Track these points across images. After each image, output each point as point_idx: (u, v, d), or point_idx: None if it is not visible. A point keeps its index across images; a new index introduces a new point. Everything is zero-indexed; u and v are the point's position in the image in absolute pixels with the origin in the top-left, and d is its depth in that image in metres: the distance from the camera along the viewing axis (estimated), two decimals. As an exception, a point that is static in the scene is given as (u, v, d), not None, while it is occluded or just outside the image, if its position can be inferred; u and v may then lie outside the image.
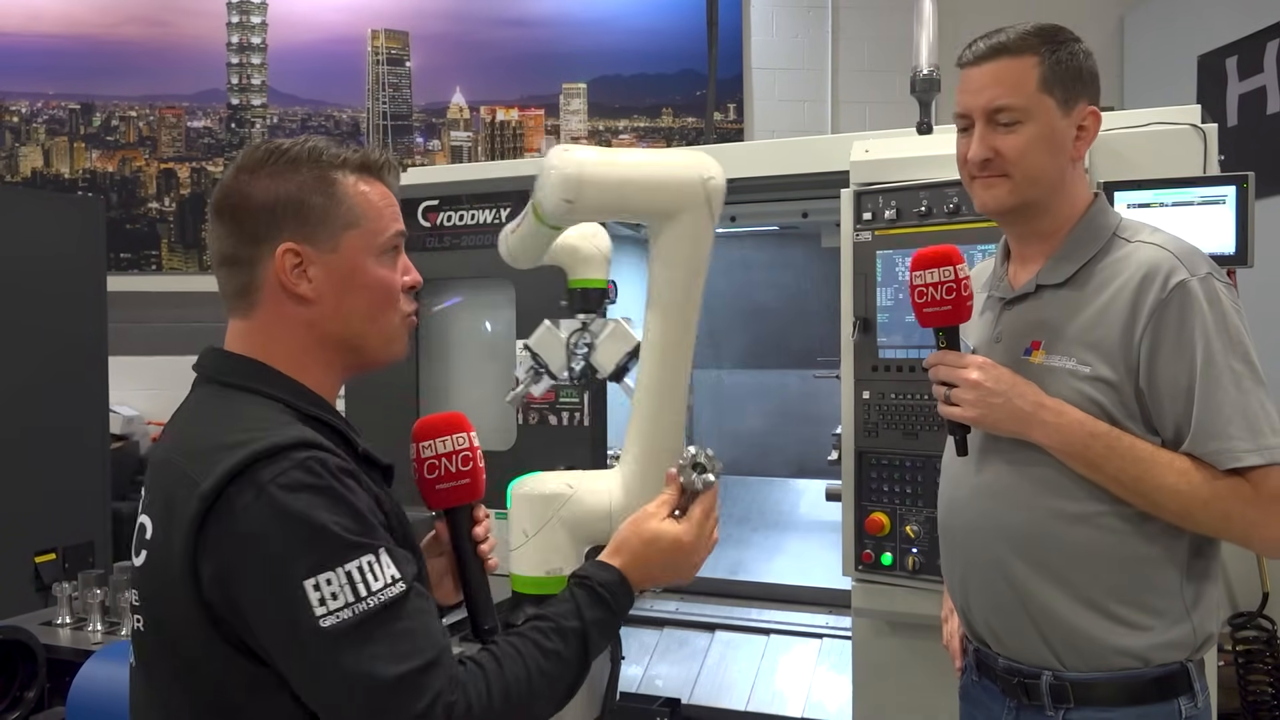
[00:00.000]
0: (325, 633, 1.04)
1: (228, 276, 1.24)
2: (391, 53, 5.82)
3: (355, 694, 1.05)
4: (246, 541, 1.06)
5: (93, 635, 2.53)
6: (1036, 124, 1.55)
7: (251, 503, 1.06)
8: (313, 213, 1.20)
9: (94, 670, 2.13)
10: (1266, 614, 3.32)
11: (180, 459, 1.14)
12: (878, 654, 2.53)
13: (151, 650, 1.17)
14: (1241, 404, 1.45)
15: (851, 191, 2.48)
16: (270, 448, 1.08)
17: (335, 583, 1.05)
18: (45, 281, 3.75)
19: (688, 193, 1.54)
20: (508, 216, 2.73)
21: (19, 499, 3.57)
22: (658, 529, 1.32)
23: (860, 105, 5.79)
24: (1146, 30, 5.54)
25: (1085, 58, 1.58)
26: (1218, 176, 2.24)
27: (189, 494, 1.08)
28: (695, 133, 5.83)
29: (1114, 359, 1.50)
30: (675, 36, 5.81)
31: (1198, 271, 1.49)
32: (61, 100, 5.68)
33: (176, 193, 5.73)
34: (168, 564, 1.10)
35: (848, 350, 2.47)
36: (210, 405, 1.21)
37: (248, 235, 1.21)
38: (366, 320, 1.25)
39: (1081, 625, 1.53)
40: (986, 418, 1.55)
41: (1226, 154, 2.40)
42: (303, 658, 1.06)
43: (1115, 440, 1.48)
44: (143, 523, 1.17)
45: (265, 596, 1.06)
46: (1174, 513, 1.48)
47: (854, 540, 2.45)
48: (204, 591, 1.08)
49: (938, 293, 1.57)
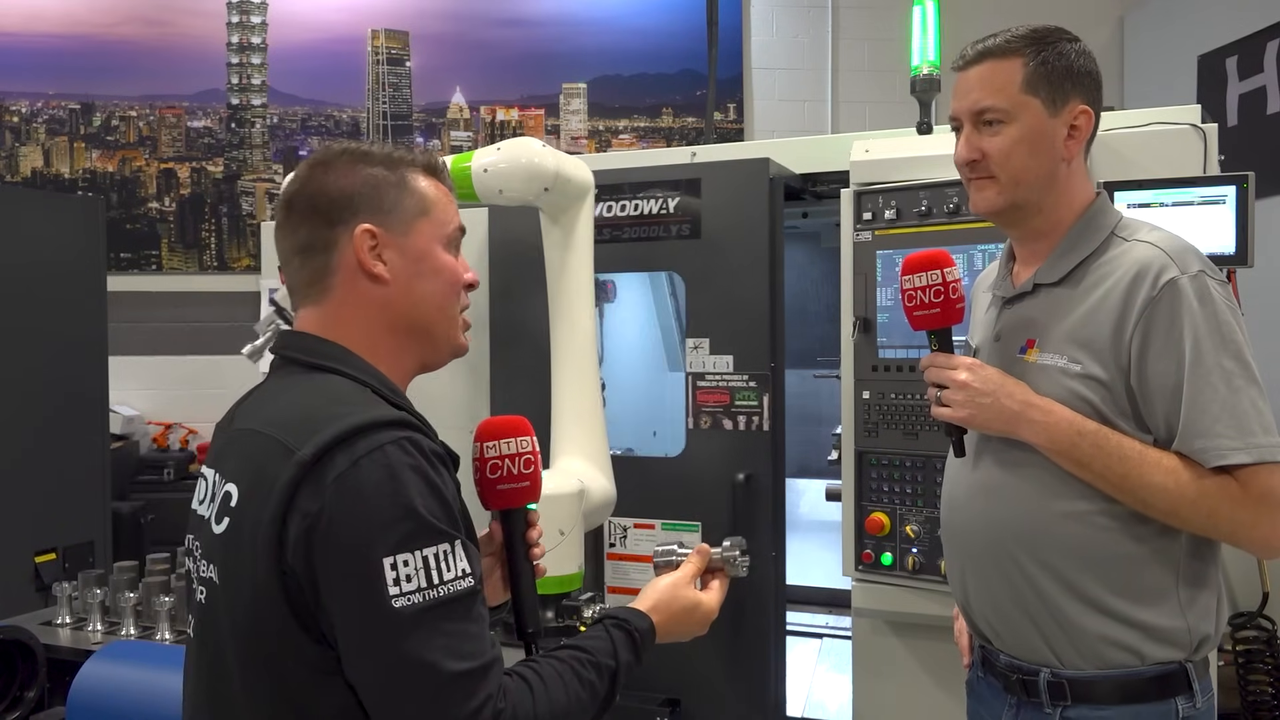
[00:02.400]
0: (395, 613, 1.06)
1: (301, 265, 1.28)
2: (391, 53, 5.82)
3: (414, 681, 1.07)
4: (335, 510, 1.08)
5: (93, 635, 2.53)
6: (1020, 125, 1.56)
7: (347, 472, 1.09)
8: (386, 199, 1.28)
9: (94, 670, 2.13)
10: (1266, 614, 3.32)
11: (273, 430, 1.16)
12: (878, 654, 2.53)
13: (218, 622, 1.18)
14: (1231, 402, 1.45)
15: (851, 191, 2.48)
16: (370, 422, 1.12)
17: (412, 565, 1.07)
18: (45, 281, 3.75)
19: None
20: (676, 207, 2.67)
21: (19, 499, 3.57)
22: (697, 598, 1.43)
23: (860, 105, 5.79)
24: (1146, 30, 5.54)
25: (1079, 57, 1.58)
26: (1218, 176, 2.24)
27: (283, 461, 1.11)
28: (695, 133, 5.83)
29: (1105, 357, 1.50)
30: (675, 36, 5.82)
31: (1189, 269, 1.48)
32: (61, 100, 5.68)
33: (176, 193, 5.73)
34: (255, 529, 1.11)
35: (848, 350, 2.47)
36: (297, 384, 1.23)
37: (324, 220, 1.26)
38: (436, 306, 1.30)
39: (1077, 621, 1.53)
40: (976, 418, 1.57)
41: (1226, 154, 2.40)
42: (367, 635, 1.08)
43: (1103, 439, 1.49)
44: (228, 490, 1.18)
45: (342, 568, 1.08)
46: (1162, 511, 1.48)
47: (854, 540, 2.45)
48: (287, 557, 1.09)
49: (927, 296, 1.59)
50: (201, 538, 1.24)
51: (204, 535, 1.23)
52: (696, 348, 2.66)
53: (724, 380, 2.62)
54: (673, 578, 1.43)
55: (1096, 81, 1.60)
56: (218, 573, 1.18)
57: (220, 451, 1.26)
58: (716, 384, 2.63)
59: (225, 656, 1.17)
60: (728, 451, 2.61)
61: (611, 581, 2.73)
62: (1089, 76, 1.58)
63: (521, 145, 2.31)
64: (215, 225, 5.71)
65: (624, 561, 2.72)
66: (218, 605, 1.18)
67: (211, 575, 1.20)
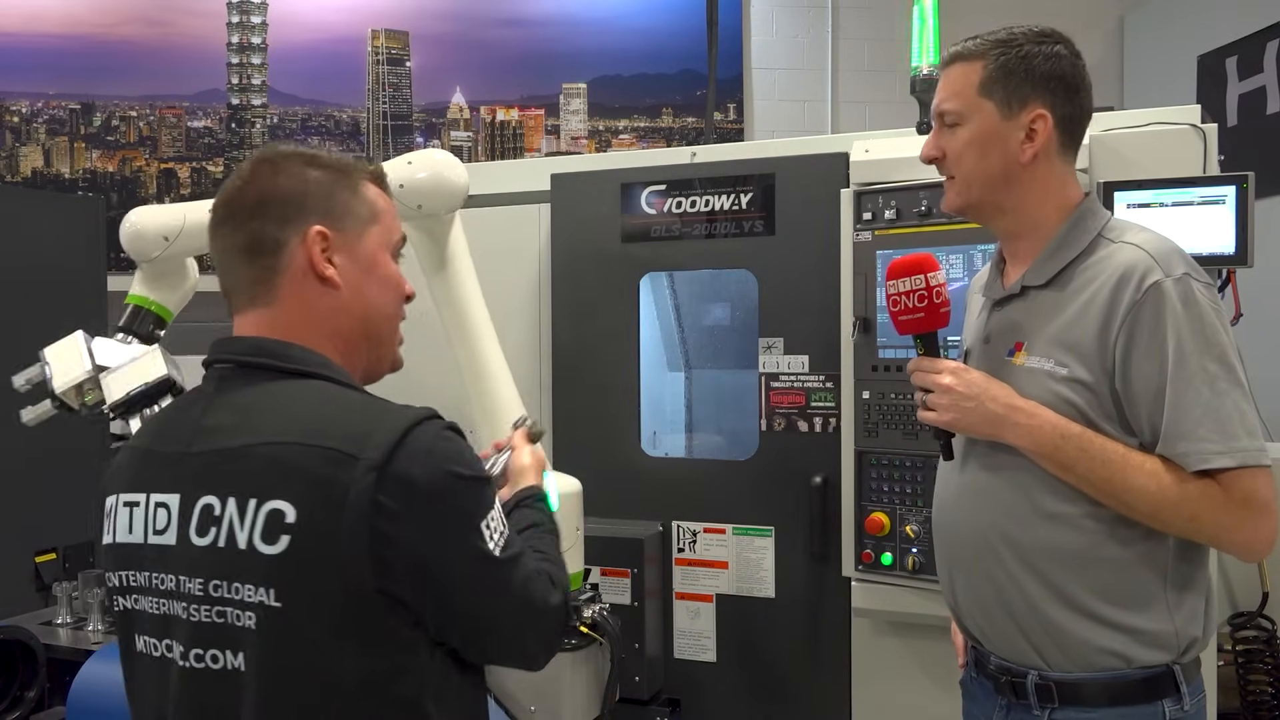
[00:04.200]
0: (500, 561, 1.22)
1: (248, 263, 1.26)
2: (391, 53, 5.82)
3: (528, 602, 1.26)
4: (432, 500, 1.16)
5: (93, 635, 2.53)
6: (971, 127, 1.60)
7: (425, 465, 1.16)
8: (338, 203, 1.28)
9: (94, 670, 2.13)
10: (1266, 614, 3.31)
11: (319, 440, 1.15)
12: (878, 654, 2.53)
13: (281, 641, 1.15)
14: (1214, 405, 1.45)
15: (851, 191, 2.47)
16: (416, 419, 1.18)
17: (497, 519, 1.24)
18: (45, 281, 3.75)
19: None
20: (749, 203, 2.64)
21: (19, 499, 3.57)
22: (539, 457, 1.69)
23: (860, 105, 5.79)
24: (1146, 30, 5.54)
25: (1046, 60, 1.57)
26: (1218, 176, 2.24)
27: (348, 471, 1.13)
28: (695, 133, 5.83)
29: (1090, 361, 1.51)
30: (675, 36, 5.82)
31: (1173, 272, 1.48)
32: (62, 100, 5.68)
33: (177, 193, 5.73)
34: (333, 539, 1.12)
35: (848, 350, 2.47)
36: (285, 392, 1.22)
37: (275, 218, 1.25)
38: (385, 315, 1.32)
39: (1062, 624, 1.54)
40: (960, 421, 1.58)
41: (1226, 154, 2.40)
42: (484, 585, 1.21)
43: (1087, 442, 1.49)
44: (277, 509, 1.14)
45: (454, 543, 1.18)
46: (1144, 514, 1.49)
47: (854, 540, 2.45)
48: (385, 557, 1.13)
49: (910, 300, 1.62)
50: (216, 566, 1.17)
51: (226, 562, 1.16)
52: (770, 348, 2.63)
53: (799, 381, 2.60)
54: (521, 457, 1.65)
55: (1069, 84, 1.59)
56: (278, 594, 1.14)
57: (207, 473, 1.19)
58: (791, 385, 2.61)
59: (296, 675, 1.15)
60: (802, 454, 2.58)
61: (680, 587, 2.71)
62: (1057, 80, 1.58)
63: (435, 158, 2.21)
64: (215, 225, 5.72)
65: (694, 567, 2.70)
66: (279, 627, 1.14)
67: (262, 599, 1.14)
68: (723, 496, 2.68)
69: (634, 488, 2.73)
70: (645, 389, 2.83)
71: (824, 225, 2.53)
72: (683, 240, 2.72)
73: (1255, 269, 2.22)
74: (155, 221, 2.34)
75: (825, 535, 2.52)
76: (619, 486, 2.69)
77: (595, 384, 2.80)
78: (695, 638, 2.70)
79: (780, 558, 2.61)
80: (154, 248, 2.32)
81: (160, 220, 2.34)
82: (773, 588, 2.62)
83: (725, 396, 4.08)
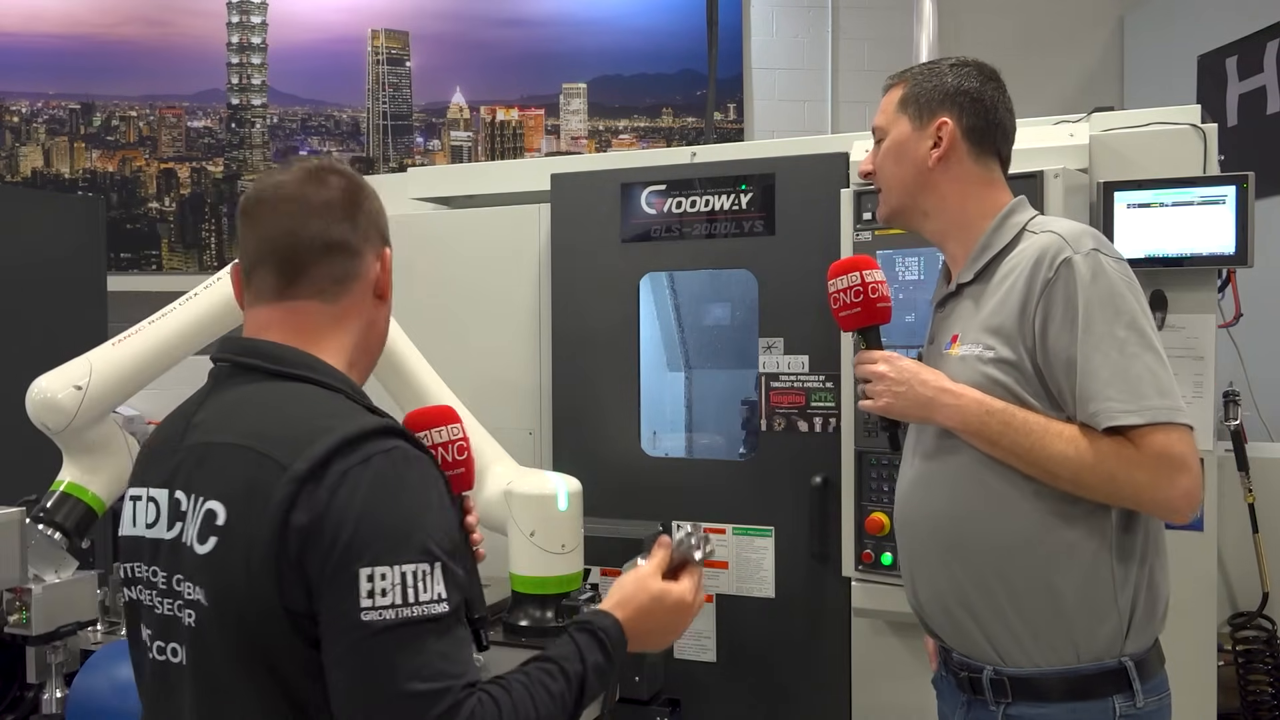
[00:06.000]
0: (364, 625, 1.06)
1: (329, 261, 1.28)
2: (391, 53, 5.82)
3: (372, 694, 1.07)
4: (326, 522, 1.08)
5: (93, 635, 2.53)
6: (890, 138, 1.75)
7: (339, 485, 1.09)
8: (386, 228, 1.37)
9: (94, 670, 2.13)
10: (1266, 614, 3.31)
11: (257, 444, 1.15)
12: (878, 654, 2.53)
13: (210, 645, 1.16)
14: (1121, 366, 1.50)
15: (851, 191, 2.47)
16: (360, 433, 1.13)
17: (390, 579, 1.07)
18: (45, 281, 3.75)
19: None
20: (749, 203, 2.64)
21: (19, 499, 3.56)
22: (664, 587, 1.36)
23: (860, 105, 5.78)
24: (1146, 30, 5.54)
25: (958, 78, 1.71)
26: (1218, 176, 2.24)
27: (276, 477, 1.10)
28: (695, 133, 5.83)
29: (1014, 340, 1.58)
30: (675, 36, 5.81)
31: (1081, 248, 1.55)
32: (61, 100, 5.68)
33: (177, 193, 5.73)
34: (249, 547, 1.11)
35: (848, 350, 2.47)
36: (266, 393, 1.22)
37: (361, 230, 1.31)
38: (383, 338, 1.38)
39: (1011, 616, 1.58)
40: (894, 406, 1.67)
41: (1226, 154, 2.40)
42: (338, 643, 1.08)
43: (1010, 415, 1.55)
44: (211, 509, 1.16)
45: (329, 576, 1.08)
46: (1068, 480, 1.53)
47: (854, 540, 2.45)
48: (286, 570, 1.09)
49: (848, 296, 1.74)
50: (173, 560, 1.20)
51: (179, 557, 1.19)
52: (770, 348, 2.63)
53: (799, 381, 2.60)
54: (635, 572, 1.38)
55: (976, 99, 1.71)
56: (206, 594, 1.16)
57: (182, 468, 1.22)
58: (791, 385, 2.61)
59: (221, 678, 1.16)
60: (802, 454, 2.57)
61: None
62: (964, 94, 1.71)
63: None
64: (215, 225, 5.71)
65: None
66: (209, 627, 1.16)
67: (199, 598, 1.16)
68: (723, 496, 2.68)
69: (634, 488, 2.72)
70: (645, 389, 2.83)
71: (824, 225, 2.53)
72: (683, 240, 2.72)
73: (1255, 269, 2.22)
74: (59, 378, 2.25)
75: (825, 535, 2.52)
76: (619, 486, 2.69)
77: (595, 384, 2.80)
78: (695, 638, 2.70)
79: (780, 558, 2.61)
80: (69, 402, 2.23)
81: (65, 374, 2.25)
82: (773, 588, 2.62)
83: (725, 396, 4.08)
